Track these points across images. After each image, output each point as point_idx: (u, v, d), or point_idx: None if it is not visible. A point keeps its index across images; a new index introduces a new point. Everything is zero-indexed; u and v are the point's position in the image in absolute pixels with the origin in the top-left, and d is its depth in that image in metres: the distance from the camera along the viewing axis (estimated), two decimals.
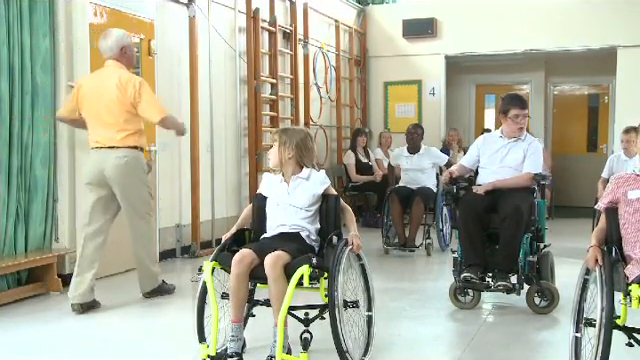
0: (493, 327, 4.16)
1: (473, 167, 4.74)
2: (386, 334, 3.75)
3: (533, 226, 4.33)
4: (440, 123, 10.02)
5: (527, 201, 4.32)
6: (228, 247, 3.27)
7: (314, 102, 8.72)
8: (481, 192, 4.43)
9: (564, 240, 6.83)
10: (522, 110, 4.56)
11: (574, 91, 11.77)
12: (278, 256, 3.05)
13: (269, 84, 7.70)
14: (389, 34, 10.05)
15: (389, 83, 10.20)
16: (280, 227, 3.31)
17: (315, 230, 3.35)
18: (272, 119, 7.76)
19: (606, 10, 8.97)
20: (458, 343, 3.89)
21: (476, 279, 4.23)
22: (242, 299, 3.16)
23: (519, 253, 4.20)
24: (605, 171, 6.51)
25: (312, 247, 3.29)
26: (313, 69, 8.67)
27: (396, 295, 4.86)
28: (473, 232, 4.31)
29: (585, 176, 9.71)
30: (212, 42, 6.70)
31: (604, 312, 2.57)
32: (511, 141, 4.59)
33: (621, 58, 9.03)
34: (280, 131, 3.44)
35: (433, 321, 4.27)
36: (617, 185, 2.99)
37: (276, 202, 3.36)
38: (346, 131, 9.70)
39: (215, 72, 6.73)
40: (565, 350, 3.01)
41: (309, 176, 3.36)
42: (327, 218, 3.37)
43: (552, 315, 4.26)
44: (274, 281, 3.02)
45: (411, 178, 6.80)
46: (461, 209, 4.42)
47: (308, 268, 2.97)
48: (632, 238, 2.86)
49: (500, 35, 9.41)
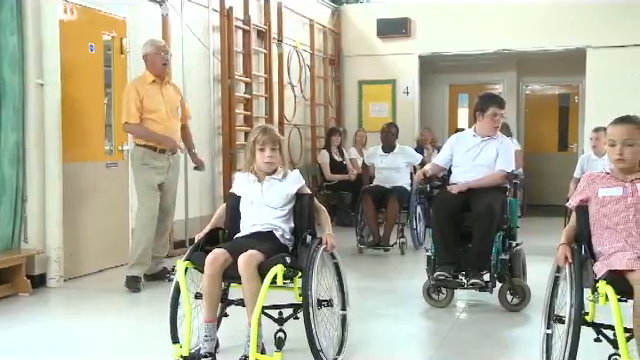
0: (466, 325, 4.19)
1: (446, 166, 4.75)
2: (360, 332, 3.75)
3: (505, 224, 4.37)
4: (414, 122, 10.07)
5: (499, 199, 4.36)
6: (201, 247, 3.24)
7: (288, 101, 8.71)
8: (455, 191, 4.44)
9: (536, 238, 6.90)
10: (501, 109, 4.60)
11: (545, 91, 11.93)
12: (252, 255, 3.03)
13: (243, 83, 7.66)
14: (363, 34, 10.07)
15: (363, 82, 10.22)
16: (254, 226, 3.29)
17: (289, 229, 3.34)
18: (246, 118, 7.73)
19: (576, 12, 9.10)
20: (431, 341, 3.92)
21: (449, 277, 4.25)
22: (215, 299, 3.14)
23: (491, 251, 4.23)
24: (577, 171, 6.55)
25: (286, 246, 3.28)
26: (287, 68, 8.65)
27: (370, 294, 4.87)
28: (446, 231, 4.33)
29: (556, 175, 9.84)
30: (185, 40, 6.64)
31: (573, 309, 2.61)
32: (484, 139, 4.61)
33: (590, 59, 9.17)
34: (271, 130, 3.40)
35: (407, 319, 4.28)
36: (588, 183, 3.01)
37: (250, 201, 3.34)
38: (320, 130, 9.70)
39: (188, 71, 6.68)
40: (537, 346, 3.04)
41: (283, 176, 3.36)
42: (301, 217, 3.36)
43: (524, 312, 4.30)
44: (248, 280, 3.00)
45: (385, 177, 6.80)
46: (434, 208, 4.44)
47: (282, 267, 2.96)
48: (601, 236, 2.89)
49: (473, 35, 9.49)
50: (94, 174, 5.50)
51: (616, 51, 8.97)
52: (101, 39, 5.65)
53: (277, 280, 2.94)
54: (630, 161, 2.92)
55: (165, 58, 5.08)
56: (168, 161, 5.07)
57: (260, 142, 3.30)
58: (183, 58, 6.58)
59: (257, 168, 3.35)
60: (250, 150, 3.36)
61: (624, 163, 2.92)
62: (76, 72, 5.29)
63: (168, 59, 5.15)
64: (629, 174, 2.93)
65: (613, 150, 2.94)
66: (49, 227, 4.99)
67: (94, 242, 5.46)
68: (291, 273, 3.05)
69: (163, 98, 5.05)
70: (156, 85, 5.04)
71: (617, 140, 2.91)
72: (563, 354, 2.62)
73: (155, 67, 5.04)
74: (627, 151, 2.90)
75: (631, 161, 2.92)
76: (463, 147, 4.65)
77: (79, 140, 5.34)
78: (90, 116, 5.53)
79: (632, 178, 2.92)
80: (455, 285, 4.34)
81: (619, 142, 2.91)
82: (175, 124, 5.14)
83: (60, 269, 5.02)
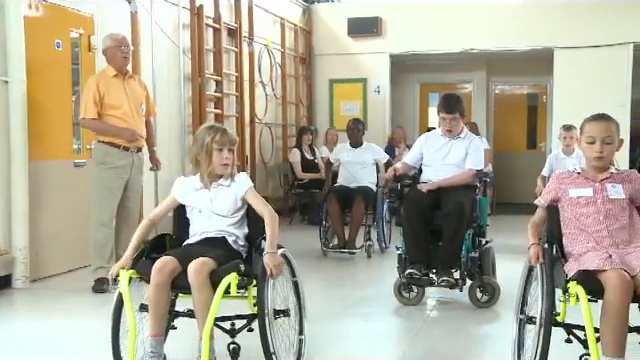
0: (437, 322, 4.22)
1: (416, 165, 4.76)
2: (329, 331, 3.75)
3: (475, 222, 4.40)
4: (385, 121, 10.12)
5: (469, 198, 4.39)
6: (147, 254, 3.00)
7: (259, 100, 8.68)
8: (425, 190, 4.46)
9: (505, 236, 6.97)
10: (447, 114, 4.57)
11: (514, 90, 12.07)
12: (203, 263, 2.82)
13: (214, 81, 7.62)
14: (334, 32, 10.08)
15: (334, 81, 10.23)
16: (205, 233, 3.10)
17: (243, 235, 3.14)
18: (217, 117, 7.67)
19: (544, 12, 9.23)
20: (403, 338, 3.93)
21: (420, 275, 4.28)
22: (163, 311, 2.89)
23: (462, 249, 4.26)
24: (545, 169, 6.53)
25: (240, 253, 3.09)
26: (258, 67, 8.62)
27: (337, 294, 4.84)
28: (417, 229, 4.36)
29: (525, 173, 9.95)
30: (155, 38, 6.57)
31: (544, 309, 2.59)
32: (452, 139, 4.63)
33: (557, 59, 9.31)
34: (228, 130, 3.16)
35: (377, 318, 4.28)
36: (559, 183, 2.97)
37: (198, 210, 3.12)
38: (292, 129, 9.69)
39: (158, 69, 6.61)
40: (506, 343, 3.07)
41: (230, 181, 3.12)
42: (255, 222, 3.14)
43: (494, 309, 4.34)
44: (198, 290, 2.79)
45: (351, 174, 6.56)
46: (405, 206, 4.45)
47: (236, 276, 2.77)
48: (572, 235, 2.87)
49: (443, 35, 9.56)
50: (61, 173, 5.41)
51: (583, 51, 9.12)
52: (68, 36, 5.55)
53: (231, 290, 2.75)
54: (607, 159, 2.89)
55: (125, 52, 4.90)
56: (131, 158, 4.92)
57: (219, 143, 3.06)
58: (153, 56, 6.51)
59: (212, 170, 3.07)
60: (206, 151, 3.06)
61: (602, 161, 2.87)
62: (42, 69, 5.19)
63: (129, 53, 4.96)
64: (600, 173, 2.90)
65: (592, 147, 2.86)
66: (14, 227, 4.89)
67: (61, 242, 5.37)
68: (245, 282, 2.84)
69: (126, 93, 4.90)
70: (118, 80, 4.89)
71: (597, 137, 2.85)
72: (534, 355, 2.60)
73: (115, 61, 4.89)
74: (606, 149, 2.85)
75: (608, 159, 2.89)
76: (432, 146, 4.67)
77: (46, 138, 5.24)
78: (57, 114, 5.43)
79: (602, 177, 2.89)
80: (426, 283, 4.36)
81: (599, 139, 2.85)
82: (139, 120, 4.99)
83: (26, 270, 4.93)
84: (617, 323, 2.48)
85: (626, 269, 2.56)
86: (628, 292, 2.50)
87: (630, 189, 2.87)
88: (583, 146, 2.94)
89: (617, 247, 2.75)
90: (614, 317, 2.48)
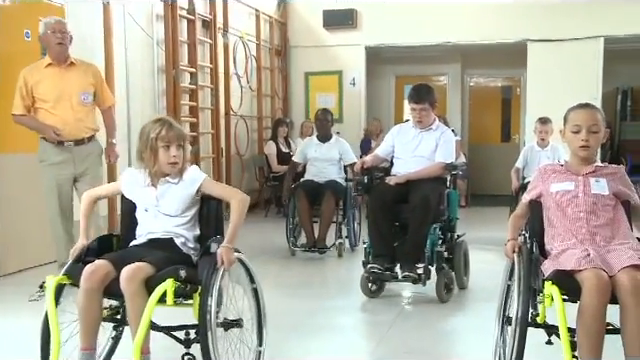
0: (409, 317, 4.12)
1: (388, 157, 4.67)
2: (298, 327, 3.66)
3: (442, 216, 4.33)
4: (361, 113, 10.13)
5: (436, 191, 4.31)
6: (84, 257, 2.74)
7: (234, 92, 8.63)
8: (392, 183, 4.39)
9: (479, 228, 7.03)
10: (417, 104, 4.49)
11: (489, 83, 12.16)
12: (137, 268, 2.56)
13: (188, 73, 7.55)
14: (310, 24, 10.05)
15: (310, 73, 10.21)
16: (150, 234, 2.84)
17: (193, 237, 2.86)
18: (192, 109, 7.62)
19: (517, 6, 9.30)
20: (373, 334, 3.83)
21: (381, 270, 4.19)
22: (93, 322, 2.63)
23: (426, 243, 4.18)
24: (519, 161, 6.51)
25: (188, 256, 2.80)
26: (233, 59, 8.57)
27: (305, 293, 4.70)
28: (381, 222, 4.28)
29: (499, 165, 10.05)
30: (128, 29, 6.49)
31: (519, 309, 2.47)
32: (423, 131, 4.55)
33: (531, 52, 9.39)
34: (176, 124, 2.86)
35: (347, 312, 4.20)
36: (542, 177, 2.85)
37: (144, 208, 2.87)
38: (267, 121, 9.66)
39: (132, 60, 6.53)
40: (478, 337, 3.04)
41: (179, 178, 2.85)
42: (207, 223, 2.87)
43: (467, 303, 4.31)
44: (131, 298, 2.54)
45: (318, 170, 6.19)
46: (371, 199, 4.37)
47: (173, 282, 2.49)
48: (552, 233, 2.75)
49: (418, 27, 9.59)
50: (28, 166, 5.30)
51: (555, 45, 9.21)
52: (37, 26, 5.44)
53: (167, 298, 2.47)
54: (593, 149, 2.75)
55: (60, 38, 4.44)
56: (71, 153, 4.51)
57: (165, 139, 2.77)
58: (126, 48, 6.43)
59: (158, 169, 2.81)
60: (151, 148, 2.79)
61: (588, 151, 2.73)
62: (10, 60, 5.09)
63: (65, 39, 4.47)
64: (585, 166, 2.77)
65: (577, 137, 2.73)
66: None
67: (30, 236, 5.28)
68: (186, 289, 2.55)
69: (60, 83, 4.47)
70: (53, 69, 4.48)
71: (583, 126, 2.71)
72: (510, 356, 2.49)
73: (50, 49, 4.48)
74: (592, 138, 2.72)
75: (594, 149, 2.75)
76: (404, 138, 4.60)
77: (11, 131, 5.11)
78: None
79: (586, 171, 2.75)
80: (388, 278, 4.27)
81: (585, 128, 2.71)
82: (70, 112, 4.49)
83: None
84: (593, 326, 2.36)
85: (605, 268, 2.43)
86: (605, 293, 2.37)
87: (615, 184, 2.74)
88: (567, 136, 2.78)
89: (598, 244, 2.62)
90: (590, 320, 2.36)
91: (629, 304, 2.36)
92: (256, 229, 7.24)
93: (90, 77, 4.66)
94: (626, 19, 8.86)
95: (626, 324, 2.37)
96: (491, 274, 4.54)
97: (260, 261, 5.61)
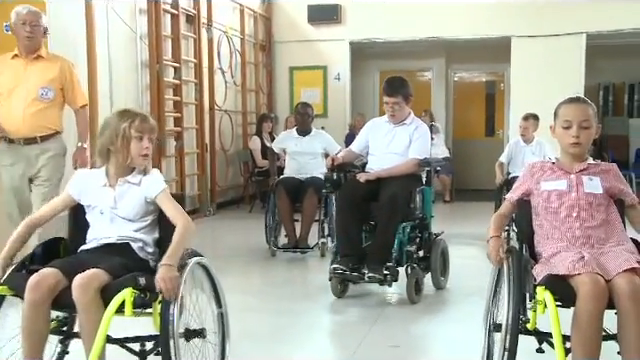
0: (389, 319, 3.90)
1: (362, 152, 4.49)
2: (274, 330, 3.59)
3: (412, 215, 4.13)
4: (345, 108, 10.13)
5: (406, 189, 4.12)
6: (29, 265, 2.49)
7: (219, 87, 8.60)
8: (363, 180, 4.21)
9: (464, 222, 7.06)
10: (389, 97, 4.29)
11: (473, 78, 12.22)
12: (92, 276, 2.34)
13: (172, 68, 7.51)
14: (294, 19, 10.03)
15: (294, 68, 10.19)
16: (104, 239, 2.62)
17: (153, 241, 2.66)
18: (176, 104, 7.59)
19: (501, 2, 9.33)
20: (354, 335, 3.61)
21: (347, 271, 4.00)
22: (40, 337, 2.40)
23: (394, 243, 3.99)
24: (504, 155, 6.55)
25: (146, 262, 2.61)
26: (217, 53, 8.53)
27: (283, 294, 4.51)
28: (349, 221, 4.10)
29: (484, 160, 10.10)
30: (111, 23, 6.43)
31: (510, 316, 2.32)
32: (397, 125, 4.37)
33: (515, 47, 9.44)
34: (146, 117, 2.68)
35: (328, 313, 4.07)
36: (531, 174, 2.68)
37: (99, 211, 2.64)
38: (252, 116, 9.63)
39: (115, 55, 6.48)
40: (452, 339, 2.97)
41: (141, 179, 2.65)
42: (167, 225, 2.65)
43: (451, 304, 4.18)
44: (85, 309, 2.33)
45: (300, 165, 5.93)
46: (339, 196, 4.22)
47: (131, 291, 2.30)
48: (544, 234, 2.58)
49: (403, 22, 9.60)
50: None
51: (539, 40, 9.27)
52: None
53: (125, 309, 2.29)
54: (585, 146, 2.59)
55: (29, 31, 4.13)
56: (20, 152, 4.18)
57: (139, 129, 2.59)
58: (109, 42, 6.37)
59: (129, 163, 2.62)
60: (123, 138, 2.58)
61: (579, 147, 2.58)
62: None
63: (34, 32, 4.16)
64: (577, 163, 2.61)
65: (567, 133, 2.57)
66: None
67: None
68: (146, 298, 2.36)
69: (19, 76, 4.17)
70: (17, 61, 4.21)
71: (573, 121, 2.55)
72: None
73: (18, 40, 4.19)
74: (584, 134, 2.56)
75: (585, 146, 2.60)
76: (377, 133, 4.41)
77: None
78: None
79: (579, 169, 2.60)
80: (354, 278, 4.07)
81: (575, 124, 2.55)
82: (21, 107, 4.14)
83: None
84: (589, 333, 2.23)
85: (601, 272, 2.29)
86: (602, 299, 2.23)
87: (608, 182, 2.59)
88: (558, 132, 2.62)
89: (592, 247, 2.47)
90: (586, 327, 2.22)
91: (628, 309, 2.23)
92: (239, 226, 7.21)
93: (55, 72, 4.28)
94: (608, 15, 8.93)
95: (625, 330, 2.25)
96: (474, 270, 4.58)
97: (240, 262, 5.57)
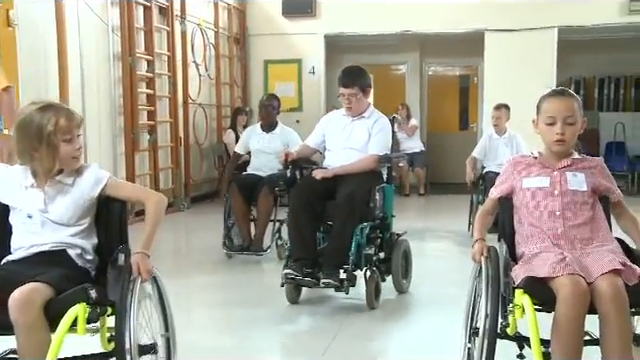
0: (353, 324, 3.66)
1: (318, 147, 4.18)
2: (238, 338, 3.39)
3: (371, 215, 3.84)
4: (320, 102, 10.11)
5: (365, 187, 3.83)
6: None
7: (193, 80, 8.52)
8: (318, 177, 3.91)
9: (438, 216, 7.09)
10: (345, 88, 3.98)
11: (447, 72, 12.29)
12: (32, 291, 2.02)
13: (145, 61, 7.42)
14: (268, 12, 9.97)
15: (269, 62, 10.14)
16: (35, 247, 2.28)
17: (92, 247, 2.34)
18: (149, 97, 7.51)
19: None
20: (317, 343, 3.38)
21: (299, 276, 3.68)
22: None
23: (351, 245, 3.69)
24: (476, 150, 6.39)
25: (86, 270, 2.31)
26: (191, 46, 8.45)
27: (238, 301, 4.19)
28: (302, 221, 3.78)
29: (458, 153, 10.11)
30: (82, 15, 6.33)
31: (488, 320, 2.19)
32: (355, 119, 4.05)
33: (488, 41, 9.50)
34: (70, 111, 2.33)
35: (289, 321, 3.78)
36: (512, 170, 2.52)
37: (26, 214, 2.29)
38: (226, 110, 9.57)
39: (86, 47, 6.39)
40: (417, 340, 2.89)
41: (75, 179, 2.33)
42: (108, 229, 2.37)
43: (420, 304, 4.04)
44: (26, 331, 2.00)
45: (262, 163, 5.50)
46: (292, 195, 3.89)
47: (84, 306, 2.03)
48: (524, 233, 2.44)
49: (378, 16, 9.60)
50: None
51: (511, 34, 9.34)
52: None
53: (77, 326, 2.01)
54: (569, 143, 2.43)
55: None
56: None
57: (66, 130, 2.24)
58: (80, 34, 6.28)
59: (59, 165, 2.29)
60: (48, 144, 2.22)
61: (564, 145, 2.42)
62: None
63: None
64: (561, 159, 2.45)
65: (551, 129, 2.40)
66: None
67: None
68: (98, 312, 2.10)
69: None
70: None
71: (557, 117, 2.39)
72: None
73: None
74: (569, 131, 2.39)
75: (570, 143, 2.44)
76: (334, 128, 4.10)
77: None
78: None
79: (562, 165, 2.44)
80: (308, 284, 3.76)
81: (560, 120, 2.39)
82: None
83: None
84: (569, 339, 2.10)
85: (582, 274, 2.15)
86: (583, 302, 2.10)
87: (594, 179, 2.44)
88: (541, 128, 2.45)
89: (575, 247, 2.33)
90: (565, 332, 2.10)
91: (610, 313, 2.10)
92: (213, 220, 6.98)
93: None
94: (579, 10, 9.04)
95: (606, 335, 2.12)
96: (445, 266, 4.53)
97: (193, 263, 5.38)
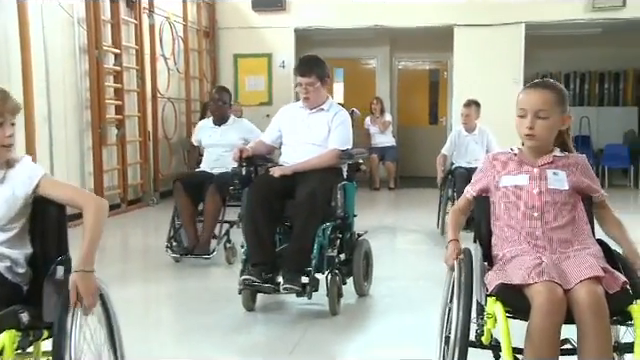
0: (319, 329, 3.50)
1: (274, 143, 3.97)
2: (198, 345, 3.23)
3: (333, 214, 3.65)
4: (290, 96, 10.04)
5: (326, 184, 3.64)
6: None
7: (161, 74, 8.42)
8: (277, 175, 3.70)
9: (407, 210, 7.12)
10: (302, 77, 3.77)
11: (417, 66, 12.34)
12: None
13: (112, 54, 7.31)
14: (238, 6, 9.89)
15: (239, 55, 10.07)
16: None
17: (24, 258, 2.07)
18: (117, 91, 7.41)
19: None
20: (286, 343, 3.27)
21: (258, 282, 3.47)
22: None
23: (313, 247, 3.50)
24: (446, 147, 6.22)
25: (17, 286, 2.05)
26: (160, 40, 8.34)
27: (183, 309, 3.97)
28: (260, 223, 3.55)
29: (428, 147, 10.21)
30: (45, 7, 6.20)
31: (458, 328, 2.07)
32: (313, 112, 3.83)
33: (457, 36, 9.56)
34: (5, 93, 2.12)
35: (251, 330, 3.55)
36: (491, 166, 2.39)
37: None
38: (195, 104, 9.48)
39: (51, 39, 6.26)
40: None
41: (5, 174, 2.10)
42: (43, 237, 2.09)
43: (389, 305, 3.91)
44: None
45: (214, 158, 5.20)
46: (249, 194, 3.64)
47: (13, 334, 1.82)
48: (501, 235, 2.30)
49: (348, 10, 9.59)
50: None
51: (480, 30, 9.41)
52: None
53: (4, 353, 1.81)
54: (542, 138, 2.27)
55: None
56: None
57: None
58: (44, 26, 6.15)
59: None
60: None
61: (534, 140, 2.27)
62: None
63: None
64: (540, 156, 2.31)
65: (522, 122, 2.26)
66: None
67: None
68: (30, 338, 1.89)
69: None
70: None
71: (528, 110, 2.25)
72: None
73: None
74: (539, 125, 2.24)
75: (543, 138, 2.27)
76: (291, 121, 3.89)
77: None
78: None
79: (542, 162, 2.30)
80: (268, 290, 3.54)
81: (530, 113, 2.24)
82: None
83: None
84: (542, 350, 1.97)
85: (559, 281, 2.02)
86: (558, 312, 1.98)
87: (576, 177, 2.30)
88: (516, 121, 2.32)
89: (554, 251, 2.19)
90: (538, 343, 1.97)
91: (587, 322, 1.97)
92: None
93: None
94: (546, 7, 9.13)
95: (584, 345, 1.99)
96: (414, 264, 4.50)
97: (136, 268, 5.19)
